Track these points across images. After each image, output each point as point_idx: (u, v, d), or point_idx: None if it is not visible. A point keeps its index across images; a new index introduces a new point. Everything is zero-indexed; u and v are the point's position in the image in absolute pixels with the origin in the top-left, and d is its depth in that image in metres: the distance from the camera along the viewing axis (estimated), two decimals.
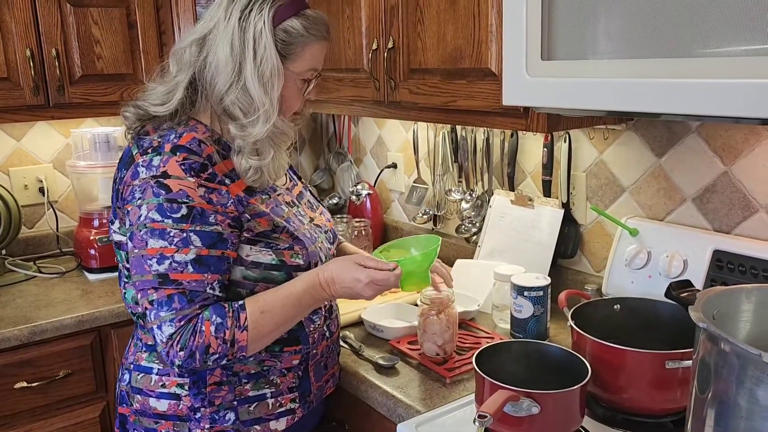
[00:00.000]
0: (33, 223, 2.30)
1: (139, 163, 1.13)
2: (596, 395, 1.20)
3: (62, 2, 1.95)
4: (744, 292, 0.95)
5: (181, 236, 1.10)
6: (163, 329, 1.09)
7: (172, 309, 1.09)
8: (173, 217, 1.10)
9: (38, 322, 1.72)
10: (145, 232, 1.10)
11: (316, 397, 1.32)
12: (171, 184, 1.10)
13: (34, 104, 1.95)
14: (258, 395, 1.22)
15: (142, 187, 1.11)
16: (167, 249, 1.09)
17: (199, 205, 1.11)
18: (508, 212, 1.82)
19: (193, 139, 1.15)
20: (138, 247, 1.11)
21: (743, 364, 0.76)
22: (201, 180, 1.12)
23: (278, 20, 1.17)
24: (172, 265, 1.09)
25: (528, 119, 1.35)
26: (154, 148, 1.14)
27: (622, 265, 1.52)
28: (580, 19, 1.08)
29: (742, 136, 1.36)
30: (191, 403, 1.19)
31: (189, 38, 1.21)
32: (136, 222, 1.11)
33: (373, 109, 1.77)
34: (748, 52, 0.88)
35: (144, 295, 1.11)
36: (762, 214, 1.36)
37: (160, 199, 1.10)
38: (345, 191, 2.50)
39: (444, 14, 1.46)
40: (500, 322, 1.61)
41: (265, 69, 1.16)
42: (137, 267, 1.11)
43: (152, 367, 1.21)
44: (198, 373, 1.19)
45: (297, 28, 1.19)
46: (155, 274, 1.09)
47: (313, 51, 1.22)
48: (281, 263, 1.20)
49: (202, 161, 1.14)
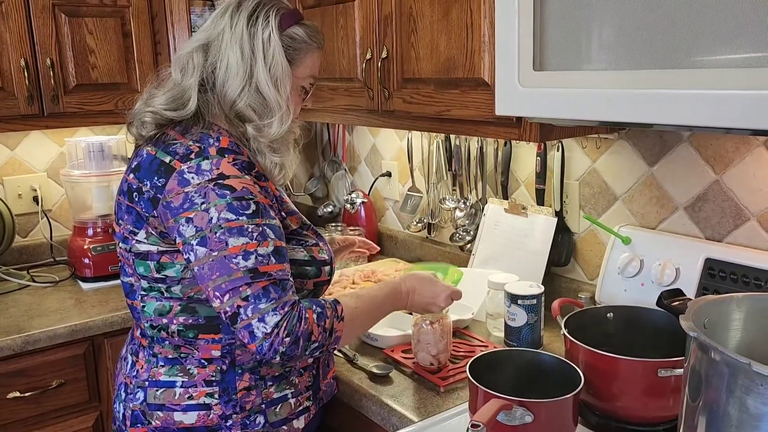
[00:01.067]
0: (27, 232, 2.29)
1: (184, 170, 1.12)
2: (589, 403, 1.20)
3: (57, 12, 1.96)
4: (735, 300, 0.95)
5: (258, 230, 1.11)
6: (266, 320, 1.08)
7: (271, 299, 1.09)
8: (246, 214, 1.11)
9: (31, 331, 1.72)
10: (222, 233, 1.09)
11: (325, 394, 1.35)
12: (233, 183, 1.12)
13: (29, 113, 1.95)
14: (281, 396, 1.25)
15: (201, 192, 1.10)
16: (249, 244, 1.10)
17: (261, 201, 1.14)
18: (502, 220, 1.82)
19: (231, 142, 1.18)
20: (217, 249, 1.09)
21: (733, 373, 0.77)
22: (253, 177, 1.16)
23: (284, 26, 1.22)
24: (258, 259, 1.10)
25: (521, 128, 1.36)
26: (197, 153, 1.14)
27: (615, 273, 1.53)
28: (572, 30, 1.09)
29: (732, 145, 1.37)
30: (222, 412, 1.19)
31: (191, 45, 1.23)
32: (208, 226, 1.10)
33: (367, 118, 1.78)
34: (739, 63, 0.89)
35: (234, 294, 1.09)
36: (753, 222, 1.37)
37: (228, 198, 1.11)
38: (339, 200, 2.51)
39: (437, 24, 1.47)
40: (494, 331, 1.62)
41: (277, 71, 1.20)
42: (220, 269, 1.09)
43: (175, 381, 1.20)
44: (226, 380, 1.19)
45: (300, 35, 1.24)
46: (245, 270, 1.09)
47: (313, 59, 1.28)
48: (312, 258, 1.25)
49: (248, 160, 1.18)
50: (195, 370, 1.19)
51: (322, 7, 1.84)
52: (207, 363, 1.19)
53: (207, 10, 2.25)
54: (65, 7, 1.97)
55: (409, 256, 2.24)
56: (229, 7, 1.22)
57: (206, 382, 1.19)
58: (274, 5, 1.23)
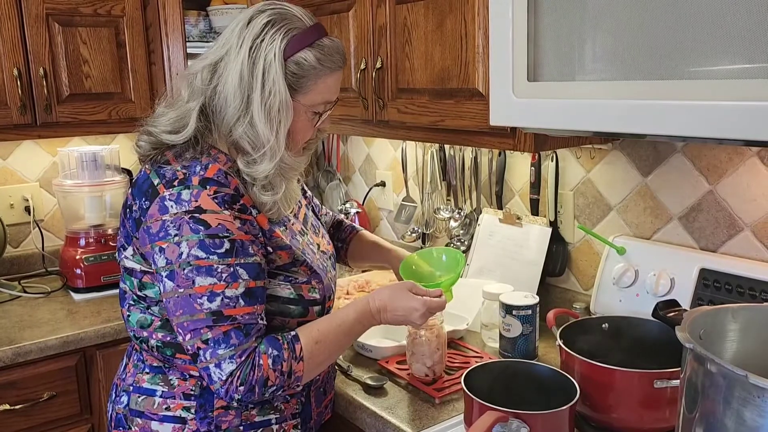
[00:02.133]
0: (18, 242, 2.28)
1: (166, 197, 1.08)
2: (585, 415, 1.19)
3: (50, 22, 1.95)
4: (730, 311, 0.95)
5: (229, 271, 1.07)
6: (222, 367, 1.05)
7: (230, 345, 1.05)
8: (218, 253, 1.06)
9: (22, 343, 1.70)
10: (190, 270, 1.06)
11: (316, 423, 1.31)
12: (208, 219, 1.07)
13: (21, 123, 1.93)
14: (263, 421, 1.21)
15: (176, 223, 1.07)
16: (217, 285, 1.06)
17: (239, 238, 1.08)
18: (497, 231, 1.82)
19: (219, 171, 1.12)
20: (183, 286, 1.06)
21: (729, 385, 0.76)
22: (235, 212, 1.10)
23: (290, 52, 1.12)
24: (224, 301, 1.06)
25: (515, 139, 1.36)
26: (181, 181, 1.09)
27: (610, 284, 1.53)
28: (566, 41, 1.10)
29: (726, 155, 1.38)
30: (197, 427, 1.16)
31: (201, 63, 1.16)
32: (177, 260, 1.06)
33: (361, 127, 1.78)
34: (732, 74, 0.89)
35: (196, 335, 1.06)
36: (747, 232, 1.37)
37: (201, 235, 1.06)
38: (334, 209, 2.50)
39: (432, 35, 1.48)
40: (489, 341, 1.61)
41: (273, 104, 1.11)
42: (184, 307, 1.06)
43: (155, 390, 1.18)
44: (204, 396, 1.17)
45: (309, 60, 1.13)
46: (208, 312, 1.06)
47: (327, 83, 1.17)
48: (299, 297, 1.18)
49: (232, 193, 1.11)
50: (176, 382, 1.18)
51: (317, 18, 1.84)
52: (188, 376, 1.18)
53: (201, 21, 2.25)
54: (59, 17, 1.96)
55: None
56: (240, 22, 1.14)
57: (185, 395, 1.17)
58: (285, 25, 1.12)
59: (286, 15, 1.14)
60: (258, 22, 1.12)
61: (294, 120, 1.15)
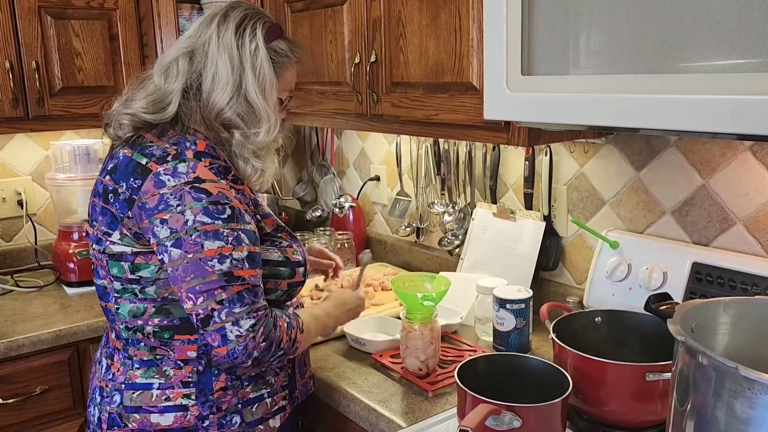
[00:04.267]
0: (11, 236, 2.27)
1: (160, 172, 1.13)
2: (578, 408, 1.20)
3: (43, 14, 1.94)
4: (722, 304, 0.96)
5: (234, 235, 1.13)
6: (240, 324, 1.10)
7: (245, 304, 1.11)
8: (221, 218, 1.12)
9: (15, 337, 1.69)
10: (198, 236, 1.11)
11: (301, 393, 1.36)
12: (208, 187, 1.13)
13: (13, 116, 1.92)
14: (257, 396, 1.26)
15: (177, 194, 1.11)
16: (225, 248, 1.11)
17: (237, 206, 1.15)
18: (491, 225, 1.82)
19: (208, 145, 1.19)
20: (192, 251, 1.11)
21: (720, 377, 0.77)
22: (229, 182, 1.17)
23: (269, 39, 1.25)
24: (233, 263, 1.12)
25: (509, 133, 1.36)
26: (174, 156, 1.15)
27: (603, 278, 1.53)
28: (560, 35, 1.10)
29: (719, 150, 1.38)
30: (199, 412, 1.20)
31: (176, 52, 1.25)
32: (183, 228, 1.11)
33: (355, 122, 1.77)
34: (725, 69, 0.90)
35: (209, 296, 1.10)
36: (739, 226, 1.38)
37: (204, 202, 1.12)
38: (328, 204, 2.50)
39: (426, 29, 1.47)
40: (483, 335, 1.62)
41: (265, 81, 1.22)
42: (195, 271, 1.10)
43: (152, 383, 1.20)
44: (203, 381, 1.20)
45: (284, 48, 1.27)
46: (220, 273, 1.10)
47: (291, 73, 1.32)
48: (286, 259, 1.26)
49: (225, 164, 1.19)
50: (171, 372, 1.20)
51: (311, 11, 1.84)
52: (183, 364, 1.20)
53: (195, 14, 2.24)
54: (51, 10, 1.95)
55: (397, 260, 2.23)
56: (215, 17, 1.24)
57: (183, 383, 1.20)
58: (260, 18, 1.25)
59: (258, 10, 1.29)
60: (237, 14, 1.24)
61: None
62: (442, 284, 1.42)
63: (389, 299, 1.83)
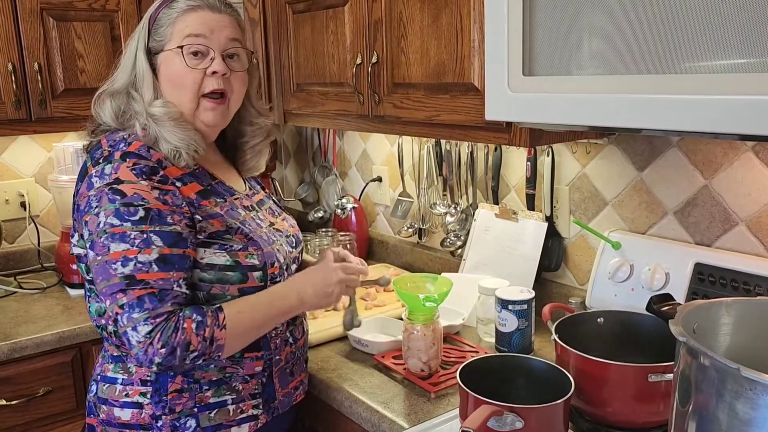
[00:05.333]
0: (14, 238, 2.27)
1: (92, 174, 1.16)
2: (580, 409, 1.20)
3: (45, 16, 1.94)
4: (724, 305, 0.95)
5: (142, 237, 1.11)
6: (138, 329, 1.09)
7: (144, 309, 1.10)
8: (131, 220, 1.12)
9: (18, 338, 1.70)
10: (106, 238, 1.11)
11: (282, 404, 1.32)
12: (125, 188, 1.13)
13: (16, 118, 1.93)
14: (218, 402, 1.23)
15: (98, 196, 1.14)
16: (130, 251, 1.10)
17: (155, 207, 1.13)
18: (493, 226, 1.82)
19: (142, 146, 1.19)
20: (100, 254, 1.12)
21: (722, 378, 0.77)
22: (153, 183, 1.15)
23: (153, 18, 1.25)
24: (137, 266, 1.10)
25: (511, 133, 1.36)
26: (105, 158, 1.17)
27: (606, 278, 1.53)
28: (561, 35, 1.10)
29: (721, 150, 1.38)
30: (153, 411, 1.20)
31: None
32: (96, 230, 1.12)
33: (357, 123, 1.77)
34: (727, 69, 0.89)
35: (113, 300, 1.11)
36: (742, 227, 1.37)
37: (117, 204, 1.12)
38: (330, 205, 2.50)
39: (427, 30, 1.47)
40: (485, 336, 1.61)
41: (135, 77, 1.25)
42: (102, 273, 1.12)
43: (117, 378, 1.23)
44: (160, 381, 1.20)
45: (165, 13, 1.25)
46: (121, 276, 1.10)
47: (185, 21, 1.23)
48: (236, 264, 1.21)
49: (152, 165, 1.17)
50: (134, 369, 1.22)
51: (312, 12, 1.84)
52: None
53: None
54: (53, 11, 1.95)
55: (400, 261, 2.23)
56: None
57: (142, 381, 1.21)
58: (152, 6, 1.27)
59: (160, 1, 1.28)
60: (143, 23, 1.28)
61: (164, 69, 1.24)
62: (444, 285, 1.42)
63: (391, 300, 1.83)
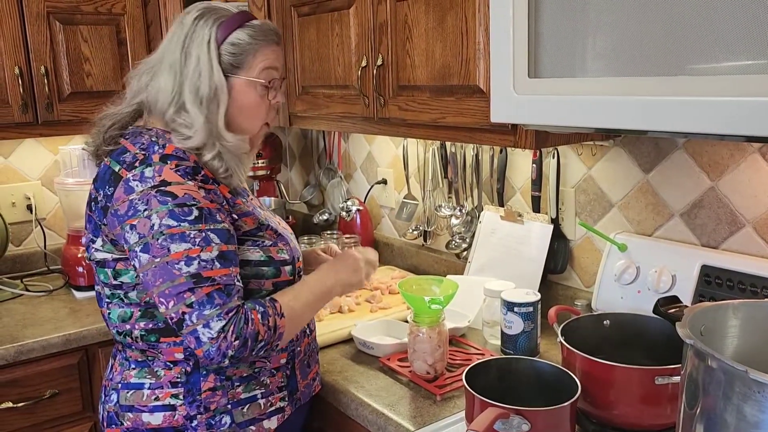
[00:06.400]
0: (20, 240, 2.28)
1: (129, 179, 1.15)
2: (586, 411, 1.19)
3: (51, 20, 1.95)
4: (731, 307, 0.95)
5: (201, 236, 1.13)
6: (211, 326, 1.10)
7: (215, 306, 1.11)
8: (188, 220, 1.12)
9: (25, 341, 1.70)
10: (164, 239, 1.11)
11: (303, 395, 1.35)
12: (174, 190, 1.13)
13: (23, 121, 1.94)
14: (249, 397, 1.25)
15: (144, 199, 1.13)
16: (192, 250, 1.11)
17: (205, 206, 1.15)
18: (498, 228, 1.82)
19: (177, 149, 1.19)
20: (159, 255, 1.11)
21: (730, 381, 0.76)
22: (198, 182, 1.17)
23: (222, 36, 1.22)
24: (201, 264, 1.11)
25: (516, 136, 1.36)
26: (141, 161, 1.16)
27: (612, 281, 1.52)
28: (567, 37, 1.10)
29: (727, 151, 1.38)
30: (187, 412, 1.20)
31: (143, 66, 1.28)
32: (150, 232, 1.12)
33: (362, 125, 1.78)
34: (733, 70, 0.89)
35: (179, 300, 1.11)
36: (749, 229, 1.37)
37: (169, 205, 1.12)
38: (335, 207, 2.50)
39: (432, 32, 1.47)
40: (491, 338, 1.61)
41: (205, 87, 1.20)
42: (163, 275, 1.11)
43: (143, 383, 1.22)
44: (191, 381, 1.21)
45: (243, 38, 1.23)
46: (187, 275, 1.11)
47: (265, 53, 1.25)
48: (269, 259, 1.24)
49: (192, 165, 1.18)
50: (162, 372, 1.22)
51: (317, 15, 1.84)
52: (172, 365, 1.22)
53: None
54: (60, 15, 1.96)
55: (405, 263, 2.23)
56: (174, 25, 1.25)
57: (172, 383, 1.21)
58: (212, 15, 1.23)
59: (211, 8, 1.25)
60: (188, 19, 1.23)
61: (244, 97, 1.24)
62: (450, 287, 1.42)
63: (397, 303, 1.83)
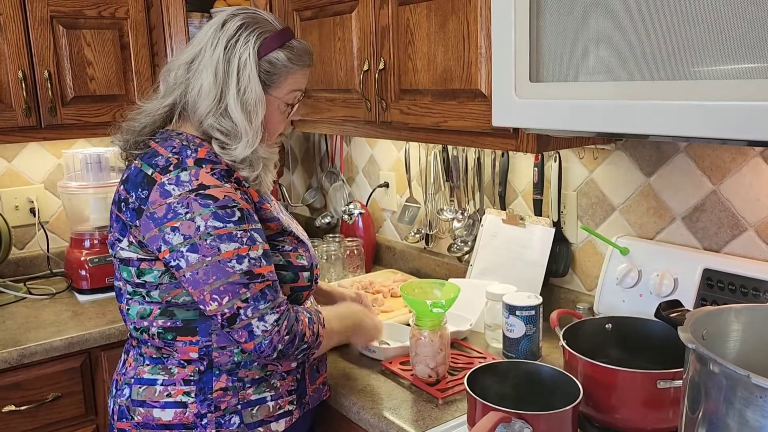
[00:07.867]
0: (24, 243, 2.29)
1: (165, 182, 1.16)
2: (588, 415, 1.19)
3: (55, 24, 1.96)
4: (733, 311, 0.95)
5: (247, 235, 1.16)
6: (266, 319, 1.15)
7: (268, 300, 1.16)
8: (232, 221, 1.15)
9: (27, 344, 1.71)
10: (213, 240, 1.14)
11: (312, 399, 1.36)
12: (214, 193, 1.16)
13: (26, 125, 1.95)
14: (259, 398, 1.26)
15: (184, 202, 1.14)
16: (241, 249, 1.15)
17: (244, 207, 1.18)
18: (500, 231, 1.82)
19: (209, 152, 1.21)
20: (209, 254, 1.14)
21: (732, 385, 0.76)
22: (234, 185, 1.20)
23: (263, 52, 1.23)
24: (251, 262, 1.15)
25: (518, 139, 1.36)
26: (176, 165, 1.18)
27: (614, 284, 1.52)
28: (569, 42, 1.10)
29: (729, 155, 1.38)
30: (197, 410, 1.22)
31: (178, 61, 1.27)
32: (196, 233, 1.14)
33: (364, 129, 1.78)
34: (734, 74, 0.89)
35: (234, 296, 1.14)
36: (751, 232, 1.37)
37: (212, 208, 1.15)
38: (337, 210, 2.50)
39: (434, 36, 1.48)
40: (492, 342, 1.61)
41: (249, 98, 1.21)
42: (216, 273, 1.14)
43: (156, 379, 1.24)
44: (203, 380, 1.23)
45: (281, 59, 1.24)
46: (240, 273, 1.14)
47: (296, 77, 1.28)
48: (288, 264, 1.27)
49: (225, 168, 1.21)
50: (175, 370, 1.24)
51: (320, 19, 1.85)
52: (186, 364, 1.24)
53: (205, 22, 2.25)
54: (63, 20, 1.97)
55: (407, 267, 2.23)
56: (213, 25, 1.25)
57: (185, 381, 1.23)
58: (257, 28, 1.23)
59: (257, 19, 1.25)
60: (232, 24, 1.23)
61: (268, 113, 1.26)
62: (452, 291, 1.42)
63: (399, 306, 1.83)
